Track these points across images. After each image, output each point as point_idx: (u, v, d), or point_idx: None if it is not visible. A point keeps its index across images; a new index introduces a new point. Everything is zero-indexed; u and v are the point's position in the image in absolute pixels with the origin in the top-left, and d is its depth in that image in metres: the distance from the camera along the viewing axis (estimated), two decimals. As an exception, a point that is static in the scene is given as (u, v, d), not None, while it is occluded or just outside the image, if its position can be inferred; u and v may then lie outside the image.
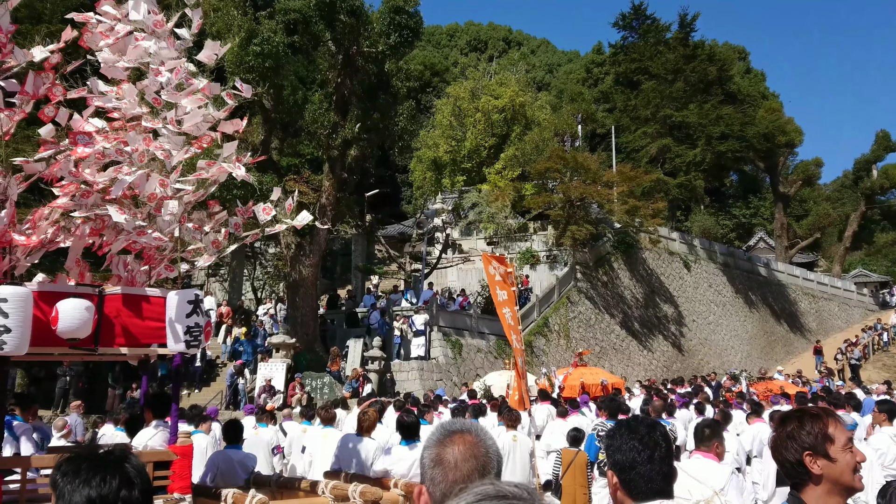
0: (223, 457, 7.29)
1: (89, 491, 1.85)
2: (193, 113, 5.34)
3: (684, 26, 50.43)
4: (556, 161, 31.78)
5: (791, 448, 2.61)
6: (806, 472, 2.57)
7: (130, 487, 1.88)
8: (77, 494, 1.86)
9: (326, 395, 20.35)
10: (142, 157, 5.23)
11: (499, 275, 11.60)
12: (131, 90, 5.34)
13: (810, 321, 44.32)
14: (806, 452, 2.56)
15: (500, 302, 11.52)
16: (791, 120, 49.70)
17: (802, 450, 2.57)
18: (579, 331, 30.39)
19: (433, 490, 1.83)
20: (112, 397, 19.34)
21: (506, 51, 65.11)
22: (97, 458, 1.93)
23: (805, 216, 56.56)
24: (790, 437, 2.62)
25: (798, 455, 2.58)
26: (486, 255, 12.29)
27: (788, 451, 2.61)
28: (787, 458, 2.62)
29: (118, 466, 1.91)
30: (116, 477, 1.87)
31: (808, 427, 2.59)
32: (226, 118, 5.74)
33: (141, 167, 5.23)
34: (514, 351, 11.53)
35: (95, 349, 5.42)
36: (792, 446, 2.60)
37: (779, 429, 2.70)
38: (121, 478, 1.88)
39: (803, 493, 2.60)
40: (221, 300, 27.74)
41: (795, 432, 2.61)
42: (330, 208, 23.14)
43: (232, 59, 20.40)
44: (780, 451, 2.64)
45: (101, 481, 1.86)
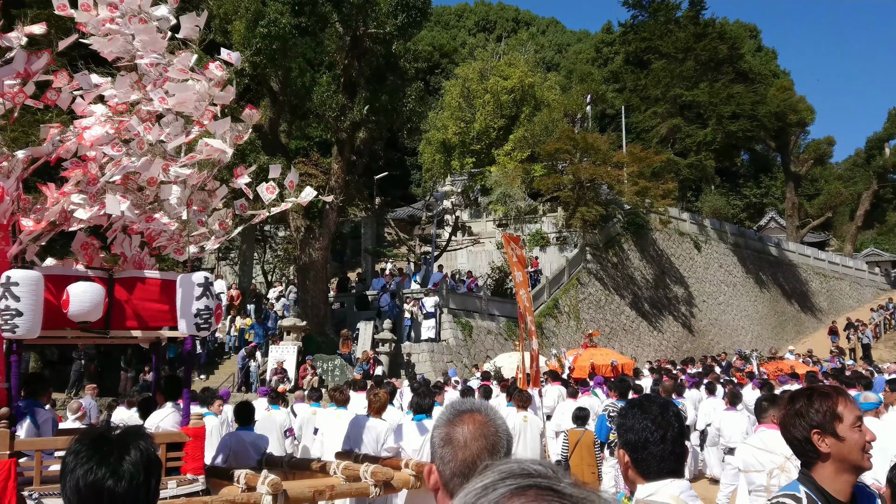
0: (235, 438, 7.35)
1: (78, 475, 1.87)
2: (181, 86, 5.31)
3: (694, 4, 49.86)
4: (566, 142, 31.61)
5: (799, 426, 2.61)
6: (814, 449, 2.58)
7: (118, 479, 1.87)
8: (70, 477, 1.88)
9: (337, 377, 20.46)
10: (141, 144, 5.22)
11: (515, 256, 11.62)
12: (123, 79, 5.31)
13: (821, 301, 44.12)
14: (814, 430, 2.56)
15: (518, 283, 11.56)
16: (803, 98, 49.22)
17: (810, 428, 2.58)
18: (589, 312, 30.38)
19: (443, 469, 1.82)
20: (124, 380, 19.52)
21: (514, 31, 64.60)
22: (99, 443, 1.93)
23: (816, 195, 56.12)
24: (798, 415, 2.62)
25: (806, 433, 2.59)
26: (505, 235, 12.30)
27: (797, 428, 2.62)
28: (796, 435, 2.63)
29: (116, 456, 1.90)
30: (103, 467, 1.87)
31: (817, 405, 2.59)
32: (225, 100, 5.69)
33: (141, 154, 5.22)
34: (529, 332, 11.55)
35: (107, 332, 5.46)
36: (800, 424, 2.61)
37: (788, 406, 2.70)
38: (108, 468, 1.87)
39: (813, 470, 2.61)
40: (231, 283, 27.87)
41: (804, 410, 2.61)
42: (339, 191, 23.13)
43: (239, 41, 20.33)
44: (789, 429, 2.65)
45: (88, 470, 1.86)
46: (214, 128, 5.46)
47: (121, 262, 5.92)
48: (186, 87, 5.31)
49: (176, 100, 5.32)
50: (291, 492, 5.41)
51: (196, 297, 5.29)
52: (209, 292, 5.39)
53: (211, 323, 5.42)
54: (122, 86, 5.27)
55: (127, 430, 2.02)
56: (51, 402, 9.96)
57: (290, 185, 5.96)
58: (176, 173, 5.25)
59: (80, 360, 18.90)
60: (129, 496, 1.88)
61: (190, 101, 5.35)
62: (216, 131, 5.48)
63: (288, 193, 6.19)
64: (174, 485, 5.30)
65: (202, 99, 5.40)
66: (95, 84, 5.38)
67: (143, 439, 1.99)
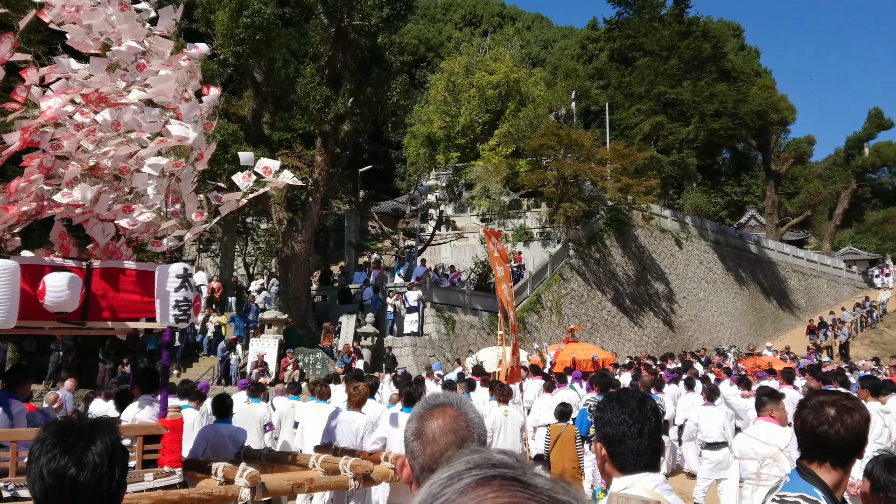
0: (213, 431, 7.31)
1: (42, 463, 1.86)
2: (161, 77, 5.26)
3: (679, 2, 50.03)
4: (551, 138, 31.68)
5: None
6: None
7: (81, 468, 1.86)
8: (34, 464, 1.87)
9: (319, 370, 20.41)
10: (116, 126, 5.15)
11: (496, 251, 11.63)
12: (100, 64, 5.25)
13: (799, 298, 44.60)
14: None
15: (500, 278, 11.57)
16: (784, 97, 49.62)
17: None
18: (571, 307, 30.51)
19: (413, 462, 1.83)
20: (102, 372, 19.34)
21: (500, 26, 64.57)
22: (65, 432, 1.91)
23: (796, 194, 56.68)
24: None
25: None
26: (487, 230, 12.30)
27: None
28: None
29: (80, 445, 1.89)
30: (66, 455, 1.86)
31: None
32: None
33: (115, 139, 5.16)
34: (510, 327, 11.57)
35: (84, 323, 5.41)
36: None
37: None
38: (72, 457, 1.86)
39: (810, 463, 2.71)
40: (213, 276, 27.70)
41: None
42: (322, 184, 23.04)
43: (222, 31, 20.16)
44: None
45: (51, 458, 1.85)
46: (184, 110, 5.41)
47: (91, 248, 5.85)
48: (168, 78, 5.26)
49: (156, 90, 5.27)
50: (270, 485, 5.40)
51: (175, 289, 5.25)
52: (188, 284, 5.35)
53: (190, 315, 5.39)
54: (98, 72, 5.20)
55: (95, 421, 2.01)
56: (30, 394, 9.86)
57: (264, 170, 5.91)
58: (152, 161, 5.20)
59: (58, 351, 18.71)
60: (91, 485, 1.87)
61: (170, 90, 5.31)
62: (186, 115, 5.42)
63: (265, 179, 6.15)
64: (151, 477, 5.27)
65: (180, 86, 5.36)
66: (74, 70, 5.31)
67: (111, 430, 1.98)
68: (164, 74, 5.28)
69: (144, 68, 5.29)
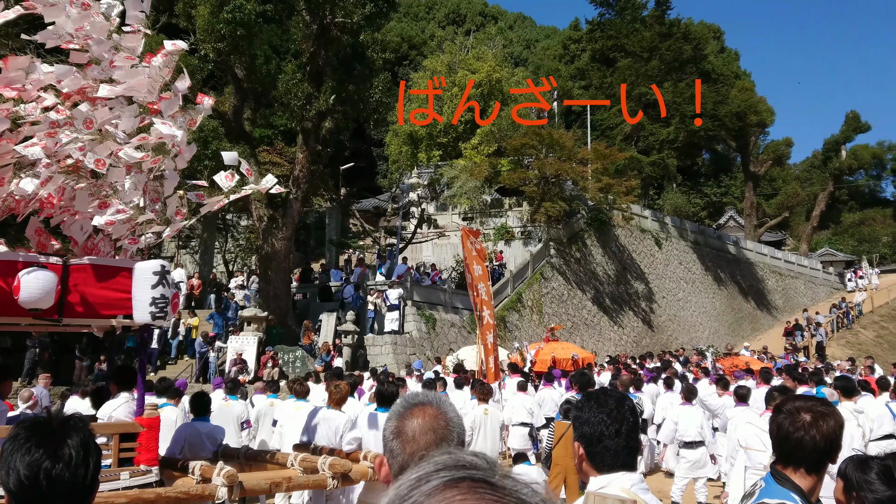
0: (191, 429, 7.25)
1: (17, 458, 1.84)
2: (130, 72, 5.19)
3: (660, 4, 50.37)
4: (532, 137, 31.77)
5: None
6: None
7: (56, 461, 1.84)
8: (8, 460, 1.85)
9: (298, 368, 20.33)
10: (89, 125, 5.08)
11: (475, 249, 11.64)
12: (70, 66, 5.18)
13: (777, 299, 45.09)
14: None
15: (477, 277, 11.57)
16: (763, 99, 50.16)
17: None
18: (552, 306, 30.62)
19: (392, 462, 1.83)
20: (79, 369, 19.12)
21: (483, 25, 64.60)
22: (38, 427, 1.90)
23: (774, 195, 57.31)
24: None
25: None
26: (465, 229, 12.29)
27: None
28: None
29: (54, 438, 1.87)
30: (42, 448, 1.84)
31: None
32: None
33: (90, 136, 5.10)
34: (485, 326, 11.59)
35: (60, 320, 5.34)
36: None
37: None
38: (47, 450, 1.84)
39: (785, 468, 2.73)
40: (192, 272, 27.48)
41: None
42: (303, 181, 22.92)
43: (203, 27, 19.99)
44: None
45: (27, 450, 1.83)
46: (164, 107, 5.35)
47: (70, 246, 5.79)
48: (137, 73, 5.20)
49: (126, 86, 5.21)
50: (247, 483, 5.36)
51: (152, 286, 5.20)
52: (165, 280, 5.30)
53: (167, 312, 5.34)
54: (69, 73, 5.14)
55: (67, 417, 1.99)
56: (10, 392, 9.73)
57: (247, 172, 5.87)
58: (128, 156, 5.14)
59: (34, 348, 18.48)
60: (66, 478, 1.85)
61: (141, 85, 5.24)
62: (165, 111, 5.36)
63: (248, 181, 6.11)
64: (127, 476, 5.21)
65: (155, 82, 5.30)
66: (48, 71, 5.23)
67: (83, 426, 1.97)
68: (133, 69, 5.21)
69: (112, 65, 5.22)
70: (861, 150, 57.34)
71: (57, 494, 1.84)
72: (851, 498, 2.92)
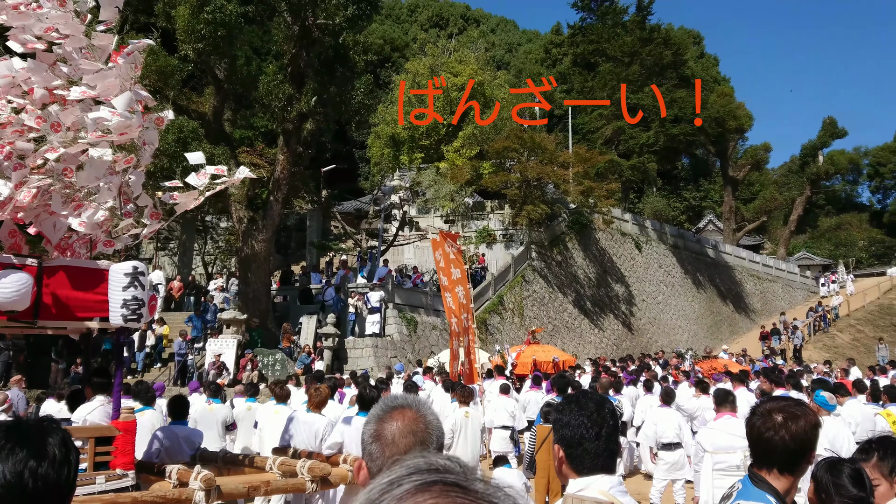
0: (168, 433, 7.18)
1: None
2: (101, 74, 5.14)
3: (641, 9, 50.77)
4: (514, 141, 31.86)
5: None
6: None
7: (40, 459, 1.82)
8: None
9: (278, 371, 20.19)
10: (56, 128, 5.02)
11: (452, 253, 11.62)
12: (41, 64, 5.11)
13: (755, 302, 45.53)
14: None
15: (454, 281, 11.55)
16: (742, 105, 50.62)
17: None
18: (533, 309, 30.70)
19: (371, 465, 1.82)
20: (55, 372, 18.87)
21: (465, 28, 64.74)
22: (14, 429, 1.87)
23: (753, 200, 57.88)
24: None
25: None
26: (442, 232, 12.29)
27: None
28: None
29: (33, 438, 1.85)
30: (26, 449, 1.81)
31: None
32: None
33: (59, 138, 5.03)
34: (459, 330, 11.57)
35: (35, 322, 5.27)
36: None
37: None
38: (30, 449, 1.81)
39: (760, 470, 2.76)
40: (171, 274, 27.24)
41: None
42: (284, 182, 22.81)
43: (183, 27, 19.83)
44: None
45: (9, 451, 1.80)
46: (117, 104, 5.28)
47: (43, 244, 5.71)
48: (106, 75, 5.14)
49: (100, 89, 5.15)
50: (225, 488, 5.31)
51: (123, 287, 5.13)
52: (137, 282, 5.23)
53: (141, 314, 5.27)
54: (39, 71, 5.06)
55: (42, 419, 1.98)
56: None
57: (217, 170, 5.81)
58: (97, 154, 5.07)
59: (8, 350, 18.21)
60: (52, 477, 1.83)
61: (113, 87, 5.18)
62: (122, 107, 5.30)
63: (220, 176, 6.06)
64: (102, 480, 5.15)
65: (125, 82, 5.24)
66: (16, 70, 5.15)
67: (59, 426, 1.95)
68: (101, 73, 5.15)
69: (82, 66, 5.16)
70: (838, 156, 58.10)
71: (43, 493, 1.82)
72: (822, 500, 2.96)
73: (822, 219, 65.02)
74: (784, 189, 59.61)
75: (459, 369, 11.54)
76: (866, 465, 3.16)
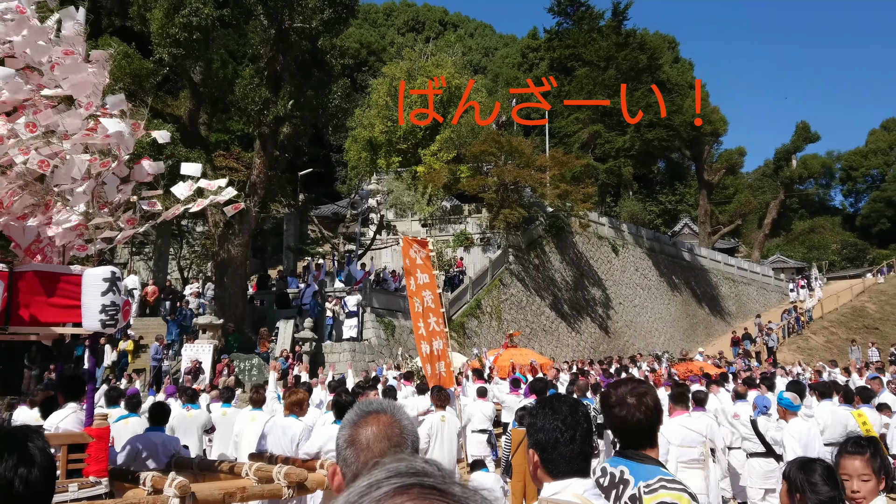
0: (144, 439, 7.10)
1: None
2: (73, 67, 5.08)
3: (617, 14, 51.22)
4: (491, 144, 31.96)
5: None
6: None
7: (30, 465, 1.83)
8: None
9: (255, 376, 20.05)
10: (32, 128, 4.96)
11: (420, 258, 11.60)
12: (9, 71, 5.06)
13: (730, 305, 46.01)
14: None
15: (420, 286, 11.54)
16: (716, 109, 51.20)
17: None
18: (511, 312, 30.78)
19: (345, 470, 1.82)
20: (28, 378, 18.55)
21: (442, 32, 64.86)
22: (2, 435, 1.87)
23: (728, 203, 58.54)
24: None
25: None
26: (406, 238, 12.26)
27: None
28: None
29: (18, 445, 1.86)
30: (15, 455, 1.82)
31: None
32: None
33: (33, 140, 4.97)
34: (430, 333, 11.54)
35: (5, 328, 5.19)
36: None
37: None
38: (19, 455, 1.82)
39: (639, 450, 2.97)
40: (148, 279, 26.95)
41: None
42: (261, 186, 22.67)
43: (157, 31, 19.66)
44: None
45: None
46: (109, 103, 5.24)
47: (12, 247, 5.63)
48: (79, 68, 5.09)
49: (69, 83, 5.09)
50: (200, 494, 5.26)
51: (102, 293, 5.08)
52: (115, 288, 5.18)
53: (118, 320, 5.22)
54: (11, 76, 5.00)
55: (20, 426, 1.98)
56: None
57: (208, 186, 5.81)
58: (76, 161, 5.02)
59: (-21, 357, 17.89)
60: (42, 482, 1.85)
61: (86, 84, 5.13)
62: (111, 108, 5.26)
63: (207, 192, 6.04)
64: (75, 488, 5.08)
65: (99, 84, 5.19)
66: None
67: (42, 434, 1.97)
68: (76, 64, 5.10)
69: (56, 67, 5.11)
70: (811, 160, 58.97)
71: (31, 499, 1.83)
72: (795, 500, 3.00)
73: (795, 222, 65.97)
74: (758, 193, 60.35)
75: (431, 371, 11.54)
76: (861, 459, 3.22)
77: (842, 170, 71.55)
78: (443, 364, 11.51)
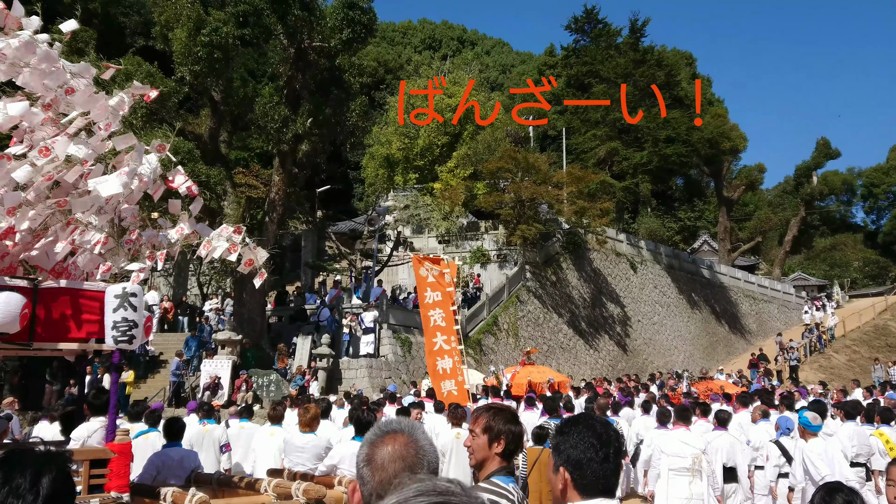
0: (163, 456, 7.15)
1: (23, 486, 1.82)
2: (90, 100, 5.18)
3: (635, 31, 51.27)
4: (508, 161, 32.01)
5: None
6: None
7: (68, 483, 1.86)
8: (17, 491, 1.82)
9: (273, 392, 20.13)
10: (46, 153, 5.05)
11: (431, 276, 11.60)
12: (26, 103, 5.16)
13: (750, 322, 45.55)
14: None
15: (430, 304, 11.53)
16: (735, 126, 50.96)
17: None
18: (528, 329, 30.67)
19: (363, 488, 1.85)
20: (49, 393, 18.74)
21: (459, 50, 65.29)
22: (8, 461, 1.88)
23: (747, 220, 58.12)
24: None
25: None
26: (416, 257, 12.27)
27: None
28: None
29: (56, 464, 1.87)
30: (14, 479, 1.82)
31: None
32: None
33: (49, 163, 5.07)
34: (436, 352, 11.54)
35: (30, 344, 5.27)
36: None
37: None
38: (10, 487, 1.82)
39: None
40: (164, 295, 27.19)
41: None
42: (279, 203, 22.88)
43: (179, 50, 19.98)
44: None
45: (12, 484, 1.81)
46: (117, 143, 5.33)
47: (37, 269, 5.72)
48: (97, 99, 5.18)
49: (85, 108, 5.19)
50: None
51: (113, 309, 5.13)
52: (127, 303, 5.23)
53: (133, 336, 5.27)
54: (33, 116, 5.10)
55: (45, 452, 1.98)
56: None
57: (231, 248, 5.90)
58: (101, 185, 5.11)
59: (1, 371, 18.12)
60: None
61: (105, 109, 5.22)
62: (118, 146, 5.36)
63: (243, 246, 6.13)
64: (97, 503, 5.13)
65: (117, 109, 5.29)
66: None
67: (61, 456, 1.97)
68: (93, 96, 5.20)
69: (72, 92, 5.19)
70: (832, 177, 58.48)
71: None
72: None
73: (816, 239, 65.32)
74: (778, 209, 59.89)
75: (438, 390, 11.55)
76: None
77: (863, 186, 70.79)
78: (452, 382, 11.47)
